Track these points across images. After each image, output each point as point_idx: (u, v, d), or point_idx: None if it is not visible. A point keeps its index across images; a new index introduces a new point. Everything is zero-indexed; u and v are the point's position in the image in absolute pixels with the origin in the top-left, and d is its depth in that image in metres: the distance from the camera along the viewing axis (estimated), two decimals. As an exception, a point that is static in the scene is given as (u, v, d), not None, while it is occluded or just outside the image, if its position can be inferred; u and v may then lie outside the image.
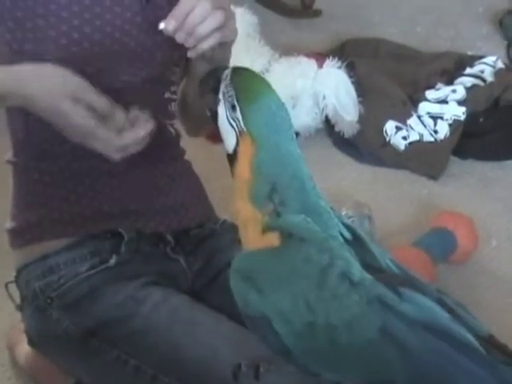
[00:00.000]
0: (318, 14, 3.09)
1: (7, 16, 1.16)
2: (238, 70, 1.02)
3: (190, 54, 1.14)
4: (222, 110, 1.01)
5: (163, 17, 1.20)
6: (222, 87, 1.01)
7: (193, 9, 1.09)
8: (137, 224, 1.28)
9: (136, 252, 1.27)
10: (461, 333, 0.92)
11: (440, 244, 1.90)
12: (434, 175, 2.24)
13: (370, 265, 0.96)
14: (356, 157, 2.36)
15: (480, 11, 3.23)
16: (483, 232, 1.99)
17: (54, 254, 1.25)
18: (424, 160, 2.27)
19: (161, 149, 1.32)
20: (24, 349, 1.45)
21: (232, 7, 1.15)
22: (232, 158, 1.01)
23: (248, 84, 1.01)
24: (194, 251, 1.34)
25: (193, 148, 1.47)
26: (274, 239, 0.96)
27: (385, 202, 2.14)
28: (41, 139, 1.24)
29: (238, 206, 1.01)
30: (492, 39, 3.00)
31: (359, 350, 0.91)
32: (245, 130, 0.98)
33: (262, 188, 0.98)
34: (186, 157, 1.43)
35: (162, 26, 1.10)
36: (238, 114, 0.99)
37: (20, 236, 1.28)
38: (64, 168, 1.25)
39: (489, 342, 0.94)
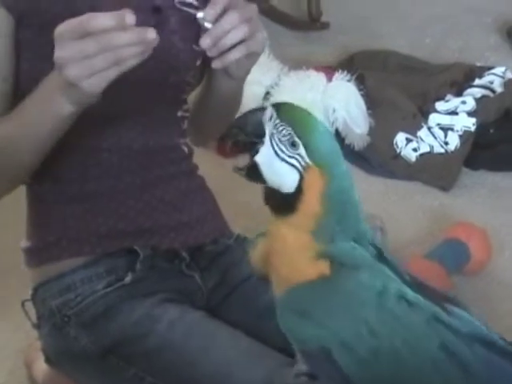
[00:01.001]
0: (325, 26, 3.11)
1: (26, 45, 1.17)
2: (282, 106, 0.96)
3: (215, 65, 1.13)
4: (268, 153, 0.94)
5: (176, 42, 1.22)
6: (270, 128, 0.94)
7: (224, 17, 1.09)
8: (152, 241, 1.29)
9: (151, 269, 1.27)
10: (499, 340, 0.93)
11: (453, 255, 1.90)
12: (445, 187, 2.24)
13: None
14: (367, 169, 2.37)
15: (488, 22, 3.24)
16: (496, 243, 1.99)
17: (70, 273, 1.25)
18: (435, 171, 2.27)
19: (174, 166, 1.33)
20: (41, 367, 1.46)
21: None
22: (291, 196, 0.94)
23: (300, 117, 0.95)
24: (209, 267, 1.34)
25: (205, 164, 1.48)
26: (324, 268, 0.93)
27: (397, 213, 2.15)
28: (55, 164, 1.24)
29: (289, 238, 0.95)
30: (500, 50, 3.01)
31: (423, 371, 0.91)
32: (311, 163, 0.93)
33: (331, 219, 0.94)
34: (199, 172, 1.44)
35: (200, 15, 1.10)
36: (301, 150, 0.93)
37: (36, 255, 1.29)
38: (80, 188, 1.27)
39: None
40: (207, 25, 1.10)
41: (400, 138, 2.35)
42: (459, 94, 2.49)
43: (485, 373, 0.90)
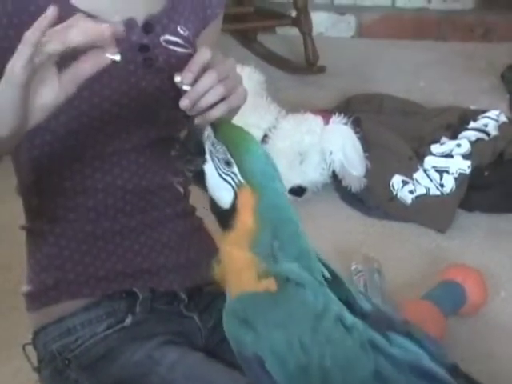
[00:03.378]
0: (322, 70, 3.16)
1: None
2: (219, 126, 1.03)
3: (197, 121, 1.15)
4: (210, 170, 1.02)
5: (165, 80, 1.24)
6: (208, 146, 1.02)
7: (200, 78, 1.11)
8: (150, 283, 1.30)
9: (151, 311, 1.28)
10: (439, 372, 0.95)
11: (449, 297, 1.92)
12: (441, 228, 2.27)
13: (352, 306, 0.99)
14: (364, 211, 2.39)
15: (481, 66, 3.29)
16: (492, 284, 2.01)
17: (70, 316, 1.26)
18: (431, 213, 2.30)
19: (170, 208, 1.34)
20: (41, 409, 1.46)
21: (240, 67, 1.17)
22: (228, 212, 1.01)
23: (235, 137, 1.03)
24: (208, 308, 1.35)
25: (202, 203, 1.50)
26: (270, 285, 0.98)
27: (393, 255, 2.16)
28: (55, 205, 1.27)
29: (233, 254, 1.01)
30: (494, 93, 3.05)
31: None
32: (243, 182, 1.00)
33: (265, 235, 0.99)
34: (197, 213, 1.45)
35: (177, 79, 1.12)
36: (235, 169, 1.00)
37: (37, 299, 1.29)
38: (78, 231, 1.28)
39: (454, 371, 0.98)
40: (185, 87, 1.12)
41: (396, 180, 2.37)
42: (454, 136, 2.52)
43: None
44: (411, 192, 2.36)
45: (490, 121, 2.57)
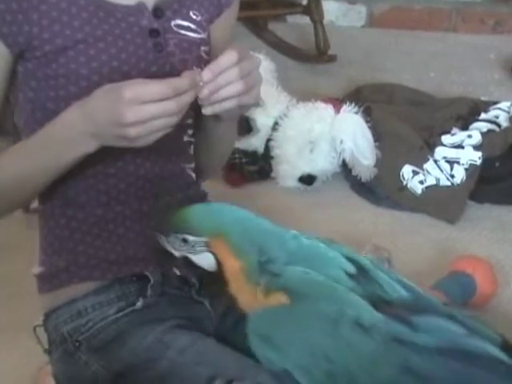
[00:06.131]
0: (333, 59, 3.14)
1: (31, 76, 1.21)
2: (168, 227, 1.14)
3: (204, 111, 1.17)
4: (188, 255, 1.12)
5: (176, 64, 1.24)
6: (169, 246, 1.13)
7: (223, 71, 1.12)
8: (161, 267, 1.30)
9: (162, 295, 1.28)
10: (478, 346, 0.94)
11: (459, 288, 1.91)
12: (451, 219, 2.26)
13: (381, 298, 0.99)
14: (373, 200, 2.38)
15: (491, 57, 3.28)
16: (501, 275, 2.00)
17: (81, 298, 1.26)
18: (441, 204, 2.29)
19: (181, 193, 1.34)
20: (51, 391, 1.46)
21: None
22: (219, 271, 1.10)
23: (174, 219, 1.13)
24: (219, 294, 1.35)
25: (213, 193, 1.50)
26: (281, 298, 1.00)
27: (403, 245, 2.16)
28: (66, 187, 1.27)
29: (241, 298, 1.09)
30: (504, 85, 3.04)
31: None
32: (206, 239, 1.07)
33: (252, 260, 1.04)
34: (209, 199, 1.45)
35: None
36: (192, 238, 1.09)
37: (48, 281, 1.29)
38: (89, 214, 1.28)
39: (505, 346, 0.97)
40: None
41: (406, 170, 2.36)
42: (465, 127, 2.50)
43: (453, 382, 0.92)
44: (421, 182, 2.34)
45: (502, 112, 2.55)
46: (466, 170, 2.34)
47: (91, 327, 1.25)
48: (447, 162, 2.37)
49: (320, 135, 2.36)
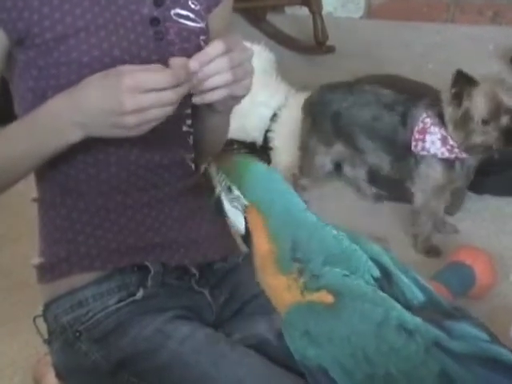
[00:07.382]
0: (331, 50, 3.14)
1: (31, 64, 1.20)
2: (218, 159, 1.08)
3: (194, 101, 1.16)
4: (224, 200, 1.06)
5: (176, 53, 1.23)
6: (217, 179, 1.06)
7: (211, 60, 1.12)
8: (162, 257, 1.29)
9: (162, 285, 1.28)
10: (502, 353, 0.94)
11: (458, 279, 1.91)
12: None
13: (402, 304, 0.98)
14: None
15: (490, 49, 3.27)
16: (500, 267, 2.01)
17: (82, 288, 1.26)
18: (440, 195, 2.28)
19: (181, 183, 1.34)
20: (50, 382, 1.46)
21: (249, 45, 1.17)
22: (246, 237, 1.05)
23: (232, 164, 1.06)
24: (219, 284, 1.35)
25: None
26: (323, 297, 0.98)
27: (402, 236, 2.16)
28: (66, 177, 1.26)
29: (268, 282, 1.04)
30: (504, 76, 3.03)
31: None
32: (247, 203, 1.02)
33: (285, 251, 1.00)
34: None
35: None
36: (237, 192, 1.03)
37: (48, 271, 1.29)
38: (90, 204, 1.27)
39: None
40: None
41: (406, 160, 2.35)
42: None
43: None
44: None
45: (500, 103, 2.53)
46: (466, 161, 2.34)
47: (91, 317, 1.24)
48: (447, 152, 2.36)
49: (319, 126, 2.35)
